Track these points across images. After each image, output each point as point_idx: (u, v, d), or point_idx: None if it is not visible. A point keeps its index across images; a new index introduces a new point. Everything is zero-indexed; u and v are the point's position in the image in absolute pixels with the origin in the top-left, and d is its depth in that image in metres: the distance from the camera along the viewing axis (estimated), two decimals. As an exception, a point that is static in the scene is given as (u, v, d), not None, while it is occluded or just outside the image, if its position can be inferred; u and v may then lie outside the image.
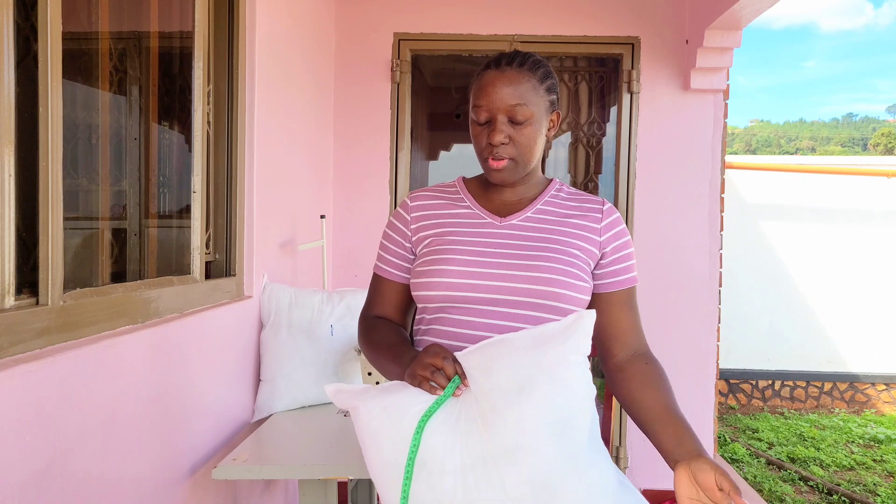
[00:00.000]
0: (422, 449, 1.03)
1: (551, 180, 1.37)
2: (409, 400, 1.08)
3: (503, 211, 1.31)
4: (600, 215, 1.30)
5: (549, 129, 1.29)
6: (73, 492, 1.24)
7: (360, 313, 1.44)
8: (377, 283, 1.41)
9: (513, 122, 1.22)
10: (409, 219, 1.35)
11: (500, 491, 0.99)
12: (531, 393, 1.00)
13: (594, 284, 1.29)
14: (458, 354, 1.10)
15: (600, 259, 1.29)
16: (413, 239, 1.34)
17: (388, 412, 1.08)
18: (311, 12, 2.92)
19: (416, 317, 1.35)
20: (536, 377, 1.02)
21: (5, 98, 1.13)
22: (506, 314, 1.20)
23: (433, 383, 1.08)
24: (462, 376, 1.08)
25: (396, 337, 1.29)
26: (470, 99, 1.27)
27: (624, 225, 1.33)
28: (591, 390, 1.08)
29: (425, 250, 1.30)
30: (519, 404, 1.00)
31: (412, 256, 1.35)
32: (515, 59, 1.23)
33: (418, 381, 1.09)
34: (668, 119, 3.35)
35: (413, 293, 1.30)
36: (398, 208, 1.39)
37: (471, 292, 1.21)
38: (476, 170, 1.40)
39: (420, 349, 1.29)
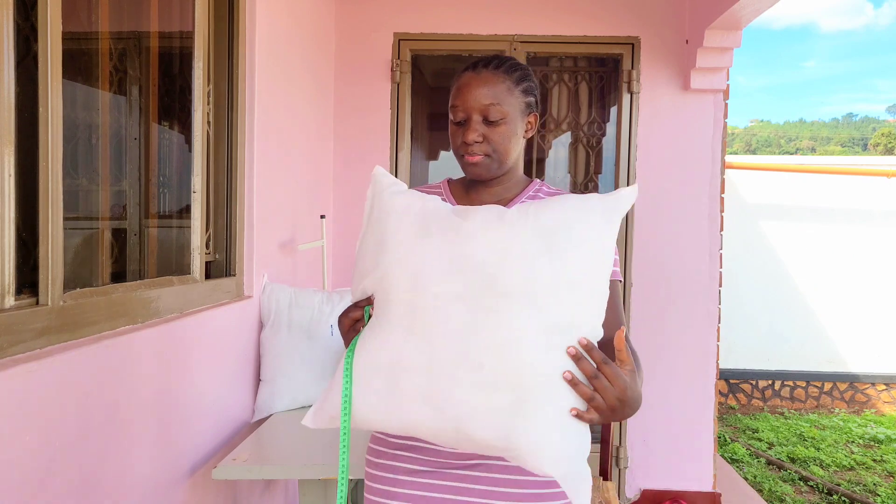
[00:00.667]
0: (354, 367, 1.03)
1: (532, 181, 1.40)
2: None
3: None
4: None
5: (526, 131, 1.33)
6: (74, 492, 1.24)
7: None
8: None
9: (487, 121, 1.26)
10: None
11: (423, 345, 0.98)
12: (385, 260, 1.05)
13: None
14: (353, 282, 1.13)
15: None
16: None
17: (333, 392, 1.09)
18: (311, 12, 2.92)
19: None
20: (379, 250, 1.08)
21: (5, 98, 1.13)
22: None
23: (354, 329, 1.11)
24: (370, 303, 1.10)
25: None
26: (449, 101, 1.32)
27: None
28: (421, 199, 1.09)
29: None
30: (383, 274, 1.05)
31: None
32: (492, 62, 1.28)
33: (343, 331, 1.13)
34: (668, 119, 3.35)
35: None
36: None
37: None
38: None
39: None
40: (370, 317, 1.08)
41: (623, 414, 0.99)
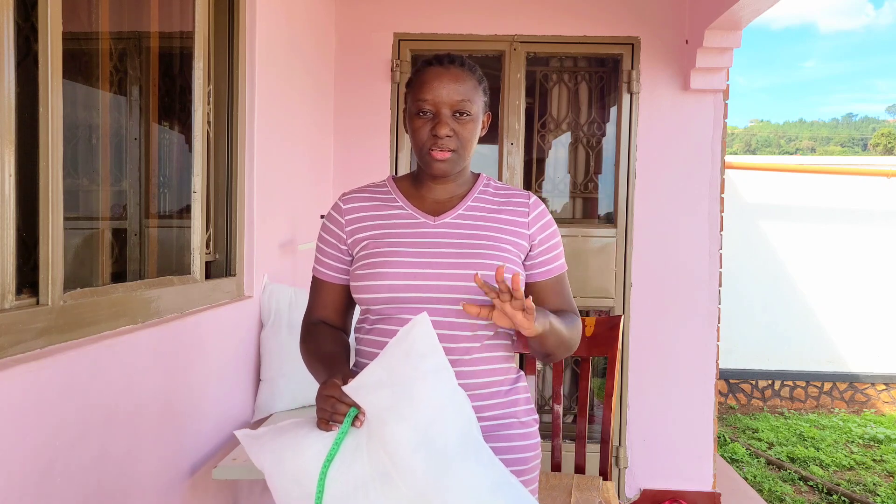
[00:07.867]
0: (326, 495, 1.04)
1: (479, 176, 1.42)
2: (305, 443, 1.08)
3: (435, 209, 1.35)
4: (527, 209, 1.37)
5: (482, 129, 1.37)
6: (74, 491, 1.24)
7: (302, 319, 1.45)
8: (316, 285, 1.42)
9: (457, 117, 1.28)
10: (342, 221, 1.37)
11: None
12: (396, 419, 1.04)
13: (526, 274, 1.35)
14: (346, 388, 1.08)
15: (530, 251, 1.36)
16: (349, 241, 1.36)
17: (281, 457, 1.09)
18: (311, 12, 2.92)
19: (360, 317, 1.37)
20: (396, 403, 1.05)
21: (5, 98, 1.13)
22: (446, 311, 1.25)
23: (333, 420, 1.09)
24: (359, 408, 1.08)
25: (332, 346, 1.31)
26: (409, 95, 1.32)
27: (550, 216, 1.40)
28: (452, 392, 1.10)
29: (363, 252, 1.32)
30: (387, 429, 1.04)
31: (349, 258, 1.37)
32: (455, 59, 1.31)
33: (321, 415, 1.10)
34: (668, 119, 3.35)
35: (354, 295, 1.32)
36: (331, 210, 1.41)
37: (411, 292, 1.25)
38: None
39: (359, 358, 1.33)
40: (352, 417, 1.07)
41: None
